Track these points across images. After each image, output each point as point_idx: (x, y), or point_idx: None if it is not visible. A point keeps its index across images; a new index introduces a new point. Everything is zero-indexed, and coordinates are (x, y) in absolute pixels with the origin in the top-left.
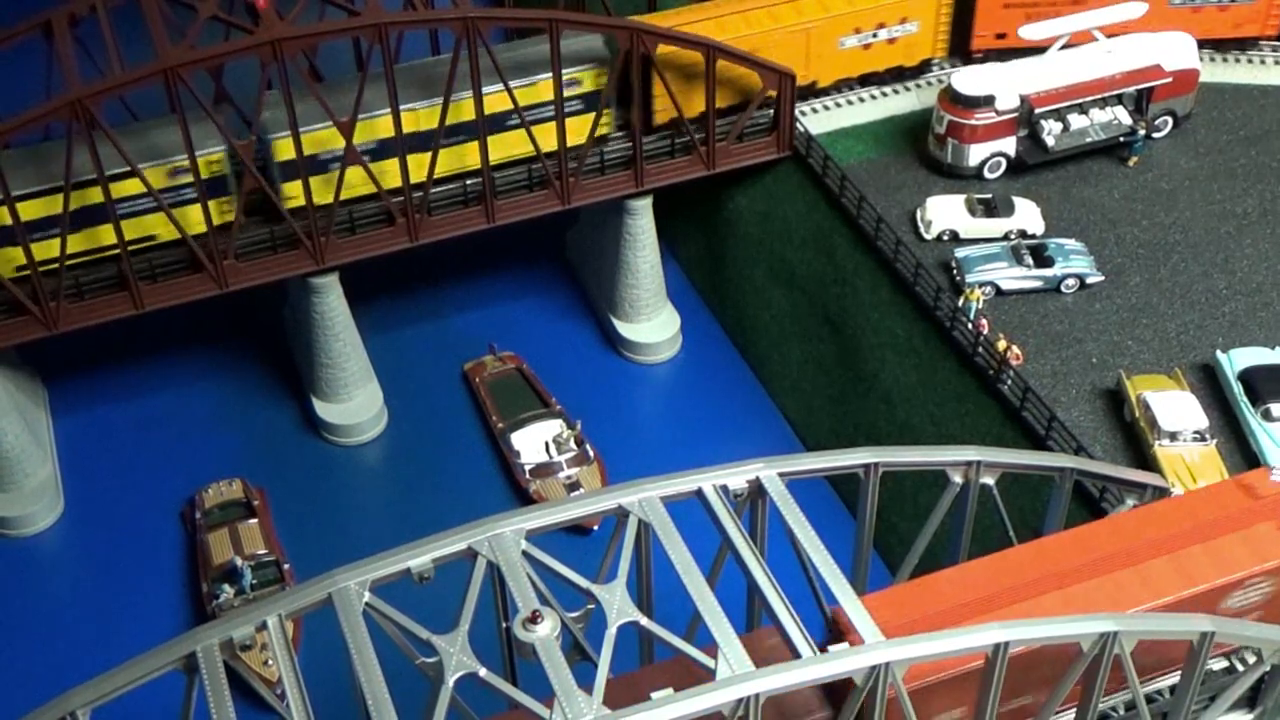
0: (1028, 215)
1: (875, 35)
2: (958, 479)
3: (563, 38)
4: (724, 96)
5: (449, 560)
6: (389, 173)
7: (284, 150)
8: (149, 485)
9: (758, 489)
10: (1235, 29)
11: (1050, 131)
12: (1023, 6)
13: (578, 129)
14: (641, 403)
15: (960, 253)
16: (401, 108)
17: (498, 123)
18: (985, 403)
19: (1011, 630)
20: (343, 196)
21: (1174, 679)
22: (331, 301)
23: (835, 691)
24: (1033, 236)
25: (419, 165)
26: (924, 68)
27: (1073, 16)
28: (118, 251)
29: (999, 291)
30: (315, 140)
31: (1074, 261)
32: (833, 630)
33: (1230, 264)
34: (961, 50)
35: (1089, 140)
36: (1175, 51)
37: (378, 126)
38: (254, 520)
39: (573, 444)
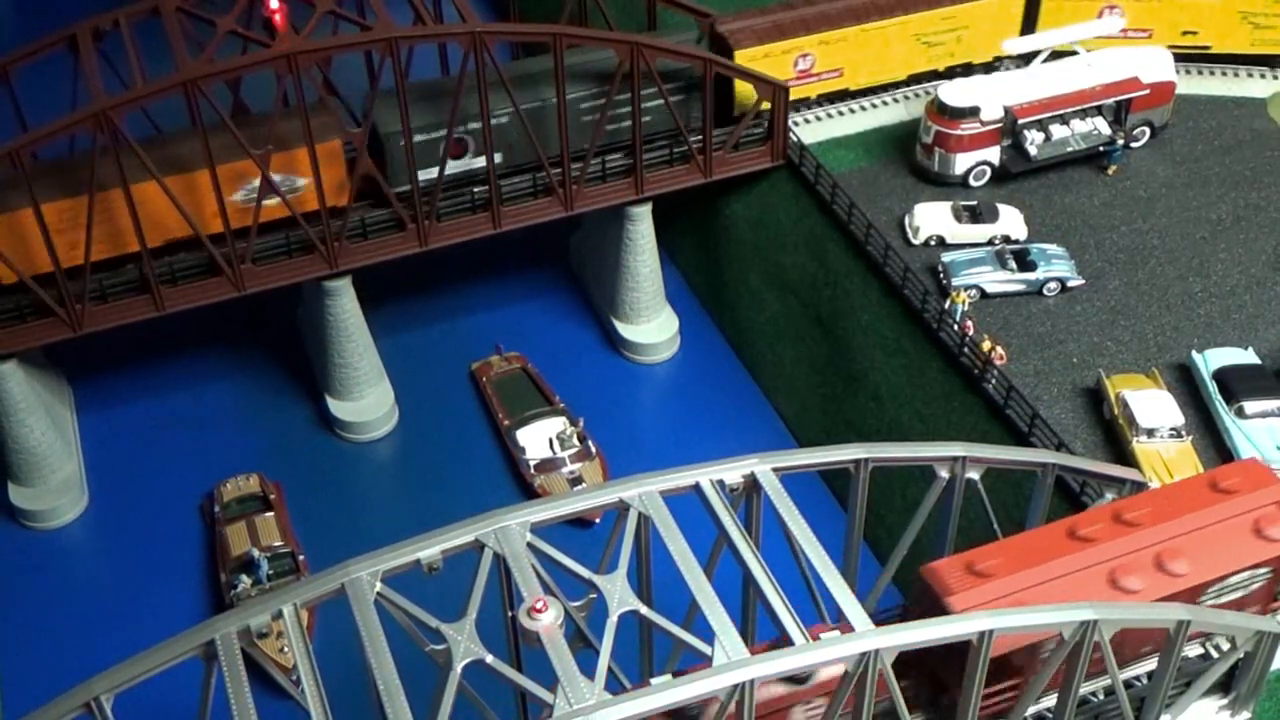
0: (1011, 221)
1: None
2: (944, 474)
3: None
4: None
5: (457, 551)
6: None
7: None
8: (170, 480)
9: (753, 484)
10: None
11: (1033, 141)
12: None
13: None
14: (641, 401)
15: (947, 257)
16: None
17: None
18: (971, 401)
19: (997, 619)
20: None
21: (1151, 665)
22: (344, 304)
23: None
24: (1016, 241)
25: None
26: None
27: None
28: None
29: (984, 294)
30: None
31: (1055, 266)
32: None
33: (1205, 268)
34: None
35: (1070, 149)
36: (1153, 65)
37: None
38: (270, 513)
39: (575, 440)
